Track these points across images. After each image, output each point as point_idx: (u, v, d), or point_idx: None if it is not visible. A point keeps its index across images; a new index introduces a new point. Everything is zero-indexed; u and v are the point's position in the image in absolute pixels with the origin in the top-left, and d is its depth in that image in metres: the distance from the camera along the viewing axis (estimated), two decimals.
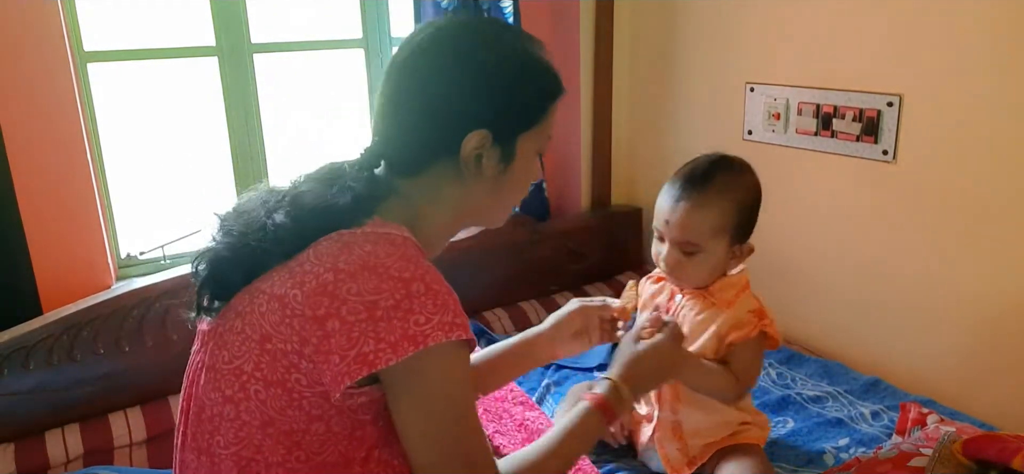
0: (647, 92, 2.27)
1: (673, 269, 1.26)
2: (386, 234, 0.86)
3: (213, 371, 0.86)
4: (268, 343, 0.82)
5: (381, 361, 0.77)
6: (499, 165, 0.91)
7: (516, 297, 2.12)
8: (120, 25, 1.85)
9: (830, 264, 1.83)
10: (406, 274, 0.80)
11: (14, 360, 1.47)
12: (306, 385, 0.81)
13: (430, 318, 0.79)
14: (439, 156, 0.90)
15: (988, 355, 1.55)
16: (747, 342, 1.24)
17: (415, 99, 0.89)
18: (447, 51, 0.89)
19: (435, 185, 0.91)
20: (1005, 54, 1.42)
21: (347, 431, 0.85)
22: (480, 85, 0.88)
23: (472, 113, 0.87)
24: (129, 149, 1.91)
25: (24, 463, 1.44)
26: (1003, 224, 1.48)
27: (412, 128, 0.90)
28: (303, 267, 0.83)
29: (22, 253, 1.62)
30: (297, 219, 0.87)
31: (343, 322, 0.78)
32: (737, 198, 1.24)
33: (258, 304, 0.84)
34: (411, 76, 0.89)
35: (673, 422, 1.32)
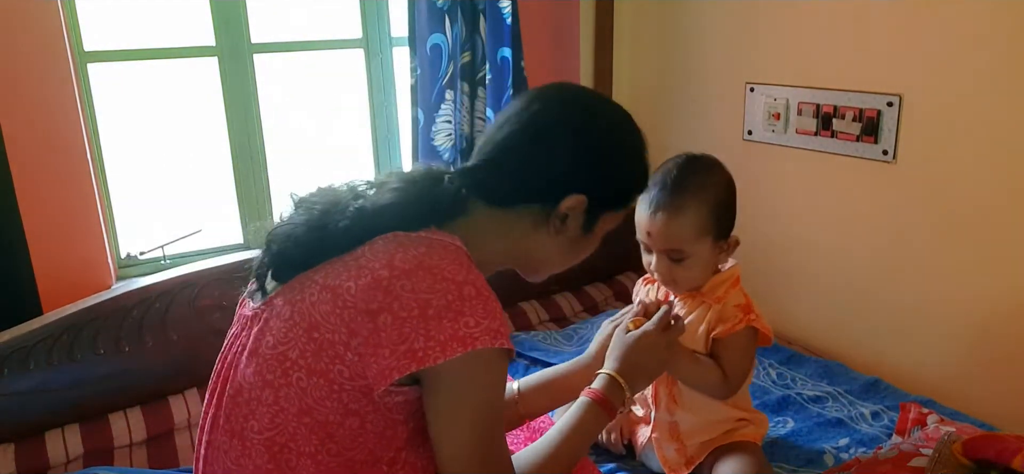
0: (647, 92, 2.27)
1: (665, 278, 1.27)
2: (440, 240, 0.88)
3: (255, 355, 0.88)
4: (316, 332, 0.84)
5: (430, 359, 0.80)
6: (580, 231, 0.96)
7: (516, 297, 2.11)
8: (120, 25, 1.85)
9: (830, 264, 1.83)
10: (459, 277, 0.83)
11: (14, 360, 1.47)
12: (348, 377, 0.83)
13: (480, 322, 0.82)
14: (533, 201, 0.94)
15: (988, 355, 1.55)
16: (733, 336, 1.24)
17: (535, 146, 0.93)
18: (578, 115, 0.94)
19: (512, 223, 0.95)
20: (1005, 54, 1.42)
21: (379, 429, 0.87)
22: (596, 160, 0.93)
23: (583, 179, 0.93)
24: (129, 149, 1.91)
25: (24, 463, 1.43)
26: (1003, 224, 1.48)
27: (522, 169, 0.93)
28: (359, 262, 0.85)
29: (22, 253, 1.62)
30: (378, 211, 0.90)
31: (396, 317, 0.81)
32: (712, 196, 1.24)
33: (309, 293, 0.86)
34: (536, 125, 0.93)
35: (670, 423, 1.32)
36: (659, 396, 1.32)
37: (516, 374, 1.76)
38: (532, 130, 0.93)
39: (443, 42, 1.97)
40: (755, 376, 1.68)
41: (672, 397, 1.31)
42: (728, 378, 1.24)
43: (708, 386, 1.26)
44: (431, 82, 2.00)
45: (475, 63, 2.01)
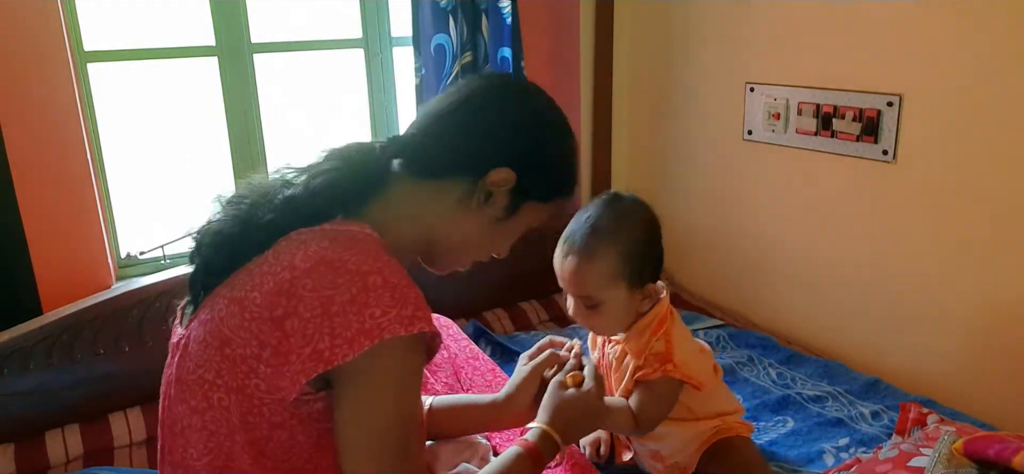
0: (647, 92, 2.27)
1: (583, 323, 1.25)
2: (345, 230, 0.85)
3: (180, 383, 0.86)
4: (227, 348, 0.80)
5: (338, 357, 0.76)
6: (500, 213, 0.93)
7: (516, 297, 2.11)
8: (120, 25, 1.85)
9: (830, 264, 1.83)
10: (364, 267, 0.79)
11: (14, 360, 1.47)
12: (265, 391, 0.80)
13: (387, 311, 0.77)
14: (463, 173, 0.91)
15: (988, 355, 1.55)
16: (648, 383, 1.20)
17: (474, 114, 0.92)
18: (521, 96, 0.94)
19: (437, 195, 0.92)
20: (1005, 54, 1.42)
21: (313, 439, 0.84)
22: (532, 139, 0.92)
23: (513, 155, 0.91)
24: (129, 149, 1.91)
25: (24, 463, 1.43)
26: (1003, 224, 1.48)
27: (456, 135, 0.91)
28: (261, 268, 0.82)
29: (22, 253, 1.62)
30: (310, 191, 0.88)
31: (301, 320, 0.77)
32: (625, 242, 1.19)
33: (218, 308, 0.83)
34: (480, 95, 0.93)
35: (652, 451, 1.30)
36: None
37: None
38: (467, 102, 0.93)
39: (447, 42, 1.97)
40: (755, 376, 1.68)
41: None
42: (638, 419, 1.20)
43: (619, 427, 1.25)
44: (436, 82, 2.00)
45: (477, 63, 2.01)
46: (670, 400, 1.23)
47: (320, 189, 0.88)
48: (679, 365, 1.20)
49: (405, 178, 0.93)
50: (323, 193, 0.87)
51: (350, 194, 0.89)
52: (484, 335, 1.88)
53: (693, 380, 1.21)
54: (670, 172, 2.23)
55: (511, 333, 1.97)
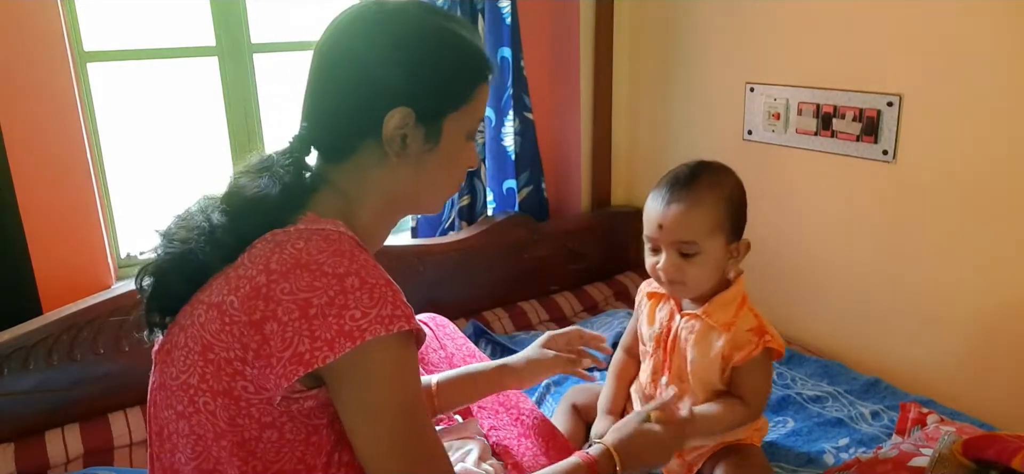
0: (647, 92, 2.27)
1: (673, 276, 1.23)
2: (319, 230, 0.83)
3: (164, 390, 0.86)
4: (210, 353, 0.80)
5: (318, 360, 0.75)
6: (424, 146, 0.89)
7: (516, 297, 2.12)
8: (120, 25, 1.85)
9: (830, 264, 1.83)
10: (340, 269, 0.78)
11: (14, 360, 1.47)
12: (254, 391, 0.80)
13: (367, 312, 0.77)
14: (364, 137, 0.87)
15: (988, 355, 1.55)
16: (752, 362, 1.21)
17: (337, 79, 0.88)
18: (368, 29, 0.87)
19: (363, 169, 0.89)
20: (1005, 54, 1.42)
21: (303, 437, 0.83)
22: (401, 62, 0.85)
23: (393, 91, 0.85)
24: (129, 149, 1.91)
25: (24, 463, 1.44)
26: (1003, 224, 1.48)
27: (336, 109, 0.88)
28: (238, 272, 0.81)
29: (22, 253, 1.62)
30: (234, 217, 0.86)
31: (280, 323, 0.77)
32: (726, 193, 1.23)
33: (198, 315, 0.83)
34: (333, 55, 0.88)
35: None
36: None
37: None
38: (326, 62, 0.88)
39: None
40: None
41: None
42: (751, 405, 1.23)
43: (736, 424, 1.24)
44: None
45: None
46: (770, 372, 1.26)
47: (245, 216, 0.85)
48: (773, 334, 1.23)
49: (329, 168, 0.90)
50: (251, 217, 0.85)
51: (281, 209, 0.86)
52: (484, 335, 1.88)
53: (781, 347, 1.24)
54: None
55: (511, 333, 1.97)
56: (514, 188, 2.15)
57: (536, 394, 1.65)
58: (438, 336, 1.44)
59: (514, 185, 2.15)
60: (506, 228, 2.09)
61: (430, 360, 1.41)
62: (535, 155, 2.17)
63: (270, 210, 0.85)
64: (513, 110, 2.07)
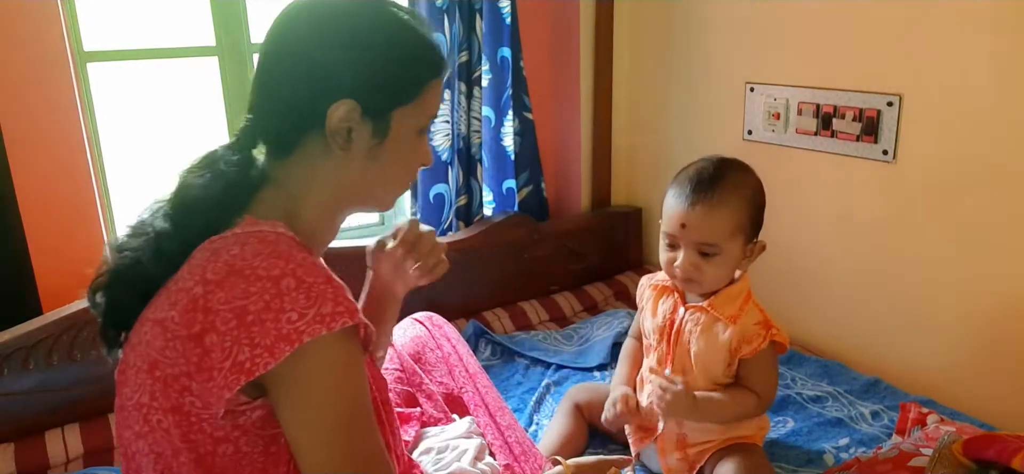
0: (647, 92, 2.27)
1: (690, 274, 1.24)
2: (255, 232, 0.80)
3: (123, 411, 0.84)
4: (157, 371, 0.79)
5: (259, 367, 0.73)
6: (372, 140, 0.86)
7: (516, 297, 2.11)
8: (120, 25, 1.85)
9: (830, 264, 1.83)
10: (275, 271, 0.75)
11: (14, 360, 1.47)
12: (202, 406, 0.78)
13: (304, 313, 0.74)
14: (309, 130, 0.85)
15: (988, 355, 1.55)
16: (760, 354, 1.23)
17: (283, 69, 0.85)
18: (315, 19, 0.84)
19: (309, 164, 0.87)
20: (1005, 54, 1.42)
21: (260, 448, 0.81)
22: (349, 53, 0.83)
23: (339, 82, 0.82)
24: (129, 149, 1.91)
25: (24, 463, 1.44)
26: (1003, 224, 1.48)
27: (280, 100, 0.85)
28: (178, 285, 0.79)
29: (22, 253, 1.62)
30: (177, 223, 0.84)
31: (219, 334, 0.74)
32: (749, 195, 1.24)
33: (144, 332, 0.81)
34: (278, 45, 0.85)
35: (678, 434, 1.31)
36: None
37: (516, 371, 1.76)
38: (272, 52, 0.86)
39: (442, 40, 1.97)
40: None
41: None
42: (761, 397, 1.24)
43: (746, 414, 1.26)
44: None
45: (471, 62, 2.01)
46: (777, 366, 1.28)
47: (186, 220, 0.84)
48: (779, 328, 1.25)
49: (274, 163, 0.88)
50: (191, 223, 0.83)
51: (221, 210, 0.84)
52: (484, 335, 1.88)
53: (786, 341, 1.26)
54: (670, 172, 2.23)
55: (511, 333, 1.97)
56: (513, 188, 2.15)
57: (536, 394, 1.65)
58: (435, 336, 1.44)
59: (513, 185, 2.15)
60: (506, 228, 2.09)
61: (427, 360, 1.41)
62: (534, 155, 2.17)
63: (211, 213, 0.83)
64: (512, 110, 2.07)
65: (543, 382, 1.69)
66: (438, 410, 1.32)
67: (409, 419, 1.27)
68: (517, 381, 1.73)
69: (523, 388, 1.69)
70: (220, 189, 0.85)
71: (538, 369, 1.77)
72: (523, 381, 1.73)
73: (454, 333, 1.47)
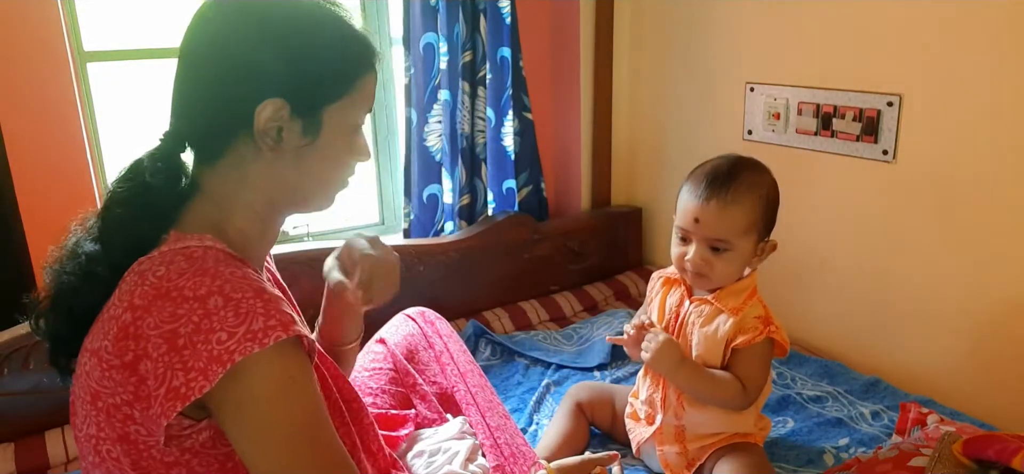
0: (647, 92, 2.27)
1: (701, 269, 1.25)
2: (182, 250, 0.77)
3: (78, 442, 0.83)
4: (99, 401, 0.76)
5: (194, 391, 0.70)
6: (302, 139, 0.82)
7: (516, 297, 2.11)
8: (120, 25, 1.85)
9: (830, 264, 1.83)
10: (201, 291, 0.72)
11: (14, 360, 1.47)
12: (147, 434, 0.76)
13: (234, 332, 0.71)
14: (237, 132, 0.81)
15: (988, 355, 1.55)
16: (751, 347, 1.24)
17: (206, 68, 0.81)
18: (240, 14, 0.81)
19: (238, 168, 0.83)
20: (1005, 54, 1.42)
21: (215, 468, 0.80)
22: (273, 50, 0.79)
23: (265, 81, 0.79)
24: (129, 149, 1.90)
25: (24, 463, 1.44)
26: (1003, 224, 1.48)
27: (205, 102, 0.81)
28: (109, 312, 0.77)
29: (22, 253, 1.62)
30: (104, 244, 0.81)
31: (152, 361, 0.72)
32: (763, 193, 1.25)
33: (83, 364, 0.79)
34: (202, 43, 0.82)
35: (677, 427, 1.32)
36: (667, 400, 1.32)
37: (516, 371, 1.76)
38: (192, 52, 0.82)
39: (435, 41, 1.97)
40: None
41: (681, 402, 1.30)
42: (747, 390, 1.24)
43: (727, 400, 1.26)
44: (424, 82, 2.00)
45: (475, 62, 2.01)
46: (768, 364, 1.28)
47: (111, 241, 0.81)
48: (779, 327, 1.25)
49: (203, 170, 0.84)
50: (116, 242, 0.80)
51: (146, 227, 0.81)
52: (484, 335, 1.88)
53: (786, 343, 1.27)
54: (670, 172, 2.23)
55: (511, 333, 1.97)
56: (513, 188, 2.15)
57: (536, 394, 1.65)
58: (426, 333, 1.42)
59: (513, 185, 2.15)
60: (506, 228, 2.09)
61: (420, 359, 1.40)
62: (534, 155, 2.17)
63: (137, 229, 0.80)
64: (512, 110, 2.07)
65: (543, 382, 1.69)
66: (432, 411, 1.32)
67: (404, 421, 1.27)
68: (517, 381, 1.73)
69: (523, 388, 1.69)
70: (144, 203, 0.81)
71: (538, 369, 1.77)
72: (523, 381, 1.72)
73: (446, 328, 1.45)
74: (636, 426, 1.39)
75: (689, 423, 1.31)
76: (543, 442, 1.40)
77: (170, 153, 0.84)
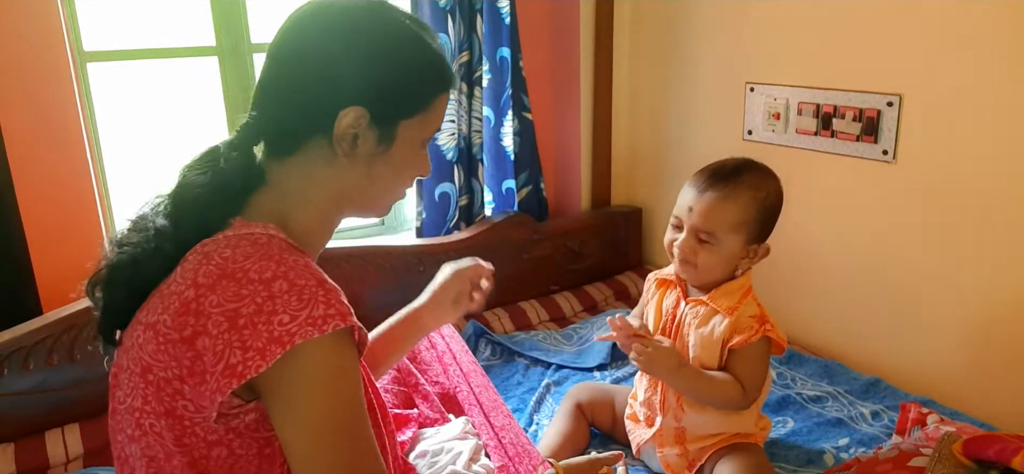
0: (647, 92, 2.27)
1: (685, 256, 1.26)
2: (247, 235, 0.81)
3: (116, 415, 0.85)
4: (149, 374, 0.78)
5: (251, 369, 0.72)
6: (376, 148, 0.86)
7: (516, 297, 2.11)
8: (120, 25, 1.85)
9: (830, 264, 1.83)
10: (267, 274, 0.75)
11: (14, 360, 1.47)
12: (194, 410, 0.78)
13: (296, 315, 0.74)
14: (314, 133, 0.85)
15: (988, 355, 1.55)
16: (748, 347, 1.24)
17: (294, 70, 0.85)
18: (333, 22, 0.85)
19: (308, 167, 0.87)
20: (1005, 54, 1.42)
21: (254, 451, 0.81)
22: (361, 61, 0.83)
23: (350, 89, 0.83)
24: (129, 149, 1.91)
25: (24, 463, 1.44)
26: (1003, 224, 1.48)
27: (289, 101, 0.86)
28: (170, 288, 0.79)
29: (22, 253, 1.62)
30: (176, 221, 0.84)
31: (210, 337, 0.74)
32: (761, 197, 1.26)
33: (136, 336, 0.81)
34: (292, 46, 0.86)
35: (677, 428, 1.32)
36: (667, 402, 1.32)
37: (516, 371, 1.76)
38: (284, 53, 0.86)
39: (446, 41, 1.97)
40: None
41: (680, 403, 1.30)
42: (746, 389, 1.25)
43: (727, 400, 1.26)
44: None
45: (472, 63, 2.01)
46: (766, 362, 1.29)
47: (184, 216, 0.84)
48: (775, 326, 1.26)
49: (273, 163, 0.88)
50: (187, 219, 0.84)
51: (216, 209, 0.84)
52: (484, 335, 1.88)
53: (783, 341, 1.27)
54: (670, 172, 2.23)
55: (511, 333, 1.97)
56: (513, 188, 2.15)
57: (536, 394, 1.65)
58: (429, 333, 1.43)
59: (513, 185, 2.15)
60: (506, 228, 2.09)
61: (422, 359, 1.40)
62: (534, 155, 2.17)
63: (206, 213, 0.83)
64: (512, 110, 2.07)
65: (543, 382, 1.69)
66: (434, 411, 1.32)
67: (407, 421, 1.27)
68: (517, 381, 1.73)
69: (523, 388, 1.69)
70: (218, 188, 0.85)
71: (538, 369, 1.77)
72: (523, 381, 1.73)
73: (449, 330, 1.46)
74: (636, 427, 1.39)
75: (689, 424, 1.31)
76: (543, 442, 1.40)
77: (246, 144, 0.88)
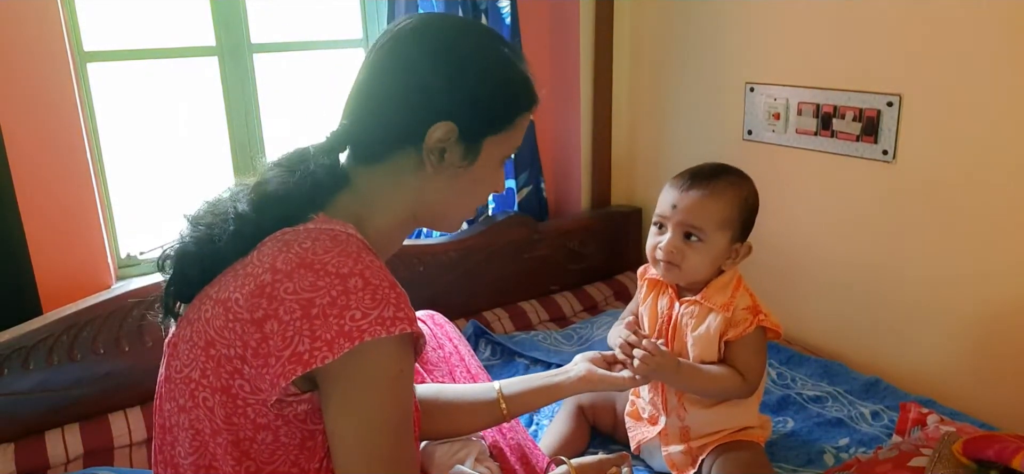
0: (647, 92, 2.27)
1: (672, 257, 1.26)
2: (328, 230, 0.84)
3: (170, 382, 0.87)
4: (212, 349, 0.81)
5: (317, 359, 0.75)
6: (462, 162, 0.90)
7: (516, 297, 2.11)
8: (120, 25, 1.85)
9: (830, 264, 1.83)
10: (344, 269, 0.78)
11: (14, 360, 1.47)
12: (250, 391, 0.80)
13: (368, 313, 0.76)
14: (403, 144, 0.88)
15: (988, 355, 1.55)
16: (744, 338, 1.25)
17: (390, 83, 0.88)
18: (428, 41, 0.88)
19: (393, 176, 0.90)
20: (1005, 54, 1.42)
21: (297, 441, 0.84)
22: (454, 79, 0.87)
23: (442, 104, 0.86)
24: (129, 149, 1.91)
25: (24, 463, 1.44)
26: (1003, 224, 1.48)
27: (382, 111, 0.89)
28: (246, 269, 0.82)
29: (22, 253, 1.62)
30: (258, 208, 0.87)
31: (281, 322, 0.77)
32: (743, 195, 1.28)
33: (204, 310, 0.83)
34: (389, 60, 0.89)
35: (681, 427, 1.32)
36: (668, 402, 1.32)
37: (516, 372, 1.76)
38: (380, 66, 0.89)
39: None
40: None
41: (682, 403, 1.31)
42: (746, 379, 1.26)
43: (729, 391, 1.27)
44: None
45: None
46: (764, 351, 1.29)
47: (266, 206, 0.87)
48: (768, 313, 1.27)
49: (358, 169, 0.91)
50: (270, 209, 0.87)
51: (298, 204, 0.87)
52: (484, 335, 1.88)
53: (778, 327, 1.28)
54: (670, 172, 2.23)
55: (511, 333, 1.97)
56: (513, 188, 2.15)
57: None
58: (437, 335, 1.43)
59: (513, 185, 2.15)
60: (506, 228, 2.09)
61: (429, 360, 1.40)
62: (534, 155, 2.17)
63: (290, 206, 0.86)
64: None
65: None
66: None
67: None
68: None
69: None
70: (305, 187, 0.87)
71: (538, 369, 1.77)
72: None
73: (455, 332, 1.46)
74: (637, 425, 1.39)
75: (692, 423, 1.31)
76: (543, 443, 1.40)
77: (334, 149, 0.91)
